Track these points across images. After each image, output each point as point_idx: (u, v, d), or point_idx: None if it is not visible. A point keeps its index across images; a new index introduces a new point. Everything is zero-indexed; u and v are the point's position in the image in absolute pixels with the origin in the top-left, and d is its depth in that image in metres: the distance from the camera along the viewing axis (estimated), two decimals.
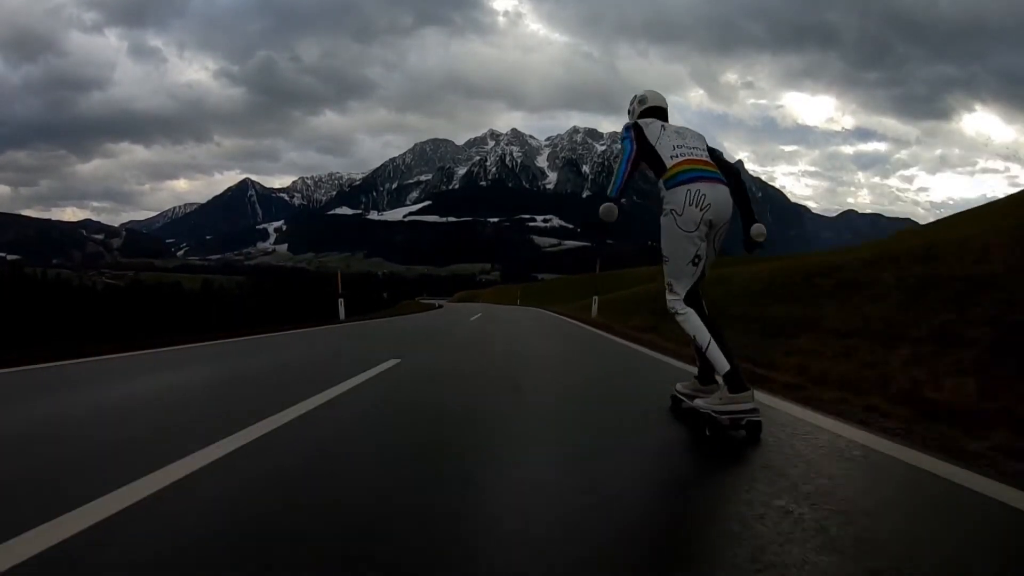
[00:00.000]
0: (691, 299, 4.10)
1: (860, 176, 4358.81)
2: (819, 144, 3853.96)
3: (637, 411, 4.69)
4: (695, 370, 4.50)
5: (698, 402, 3.98)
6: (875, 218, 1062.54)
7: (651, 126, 4.36)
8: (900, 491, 2.81)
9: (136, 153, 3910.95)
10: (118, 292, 53.33)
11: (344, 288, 22.84)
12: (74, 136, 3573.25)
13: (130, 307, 31.25)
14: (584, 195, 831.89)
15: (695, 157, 4.20)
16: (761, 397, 4.39)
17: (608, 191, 4.24)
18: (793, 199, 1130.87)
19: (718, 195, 4.05)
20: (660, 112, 4.69)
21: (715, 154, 4.44)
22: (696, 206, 3.98)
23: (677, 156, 4.19)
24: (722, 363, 3.81)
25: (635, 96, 4.95)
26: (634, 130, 4.33)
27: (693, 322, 4.02)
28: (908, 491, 2.80)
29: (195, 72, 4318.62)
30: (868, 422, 4.13)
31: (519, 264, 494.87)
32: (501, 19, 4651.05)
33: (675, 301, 4.12)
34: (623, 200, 4.24)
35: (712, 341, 3.91)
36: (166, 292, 50.39)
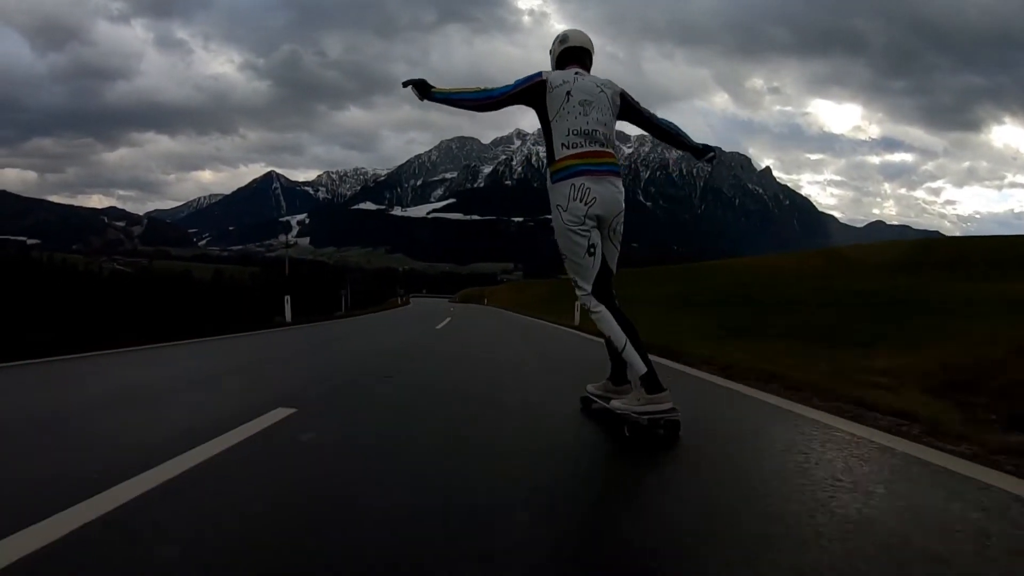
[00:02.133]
0: (602, 295, 4.07)
1: (886, 187, 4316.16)
2: (845, 153, 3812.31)
3: None
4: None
5: (614, 403, 4.01)
6: (903, 230, 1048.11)
7: (556, 90, 4.13)
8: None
9: (161, 143, 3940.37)
10: (120, 279, 49.01)
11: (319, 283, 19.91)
12: (100, 125, 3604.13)
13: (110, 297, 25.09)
14: None
15: (587, 149, 4.08)
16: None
17: (444, 90, 4.25)
18: (820, 208, 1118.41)
19: (604, 189, 4.06)
20: (582, 54, 4.46)
21: (632, 112, 4.42)
22: (580, 201, 4.02)
23: (568, 147, 4.09)
24: (639, 365, 3.82)
25: (558, 35, 4.59)
26: (535, 85, 4.16)
27: (608, 322, 4.00)
28: None
29: (220, 65, 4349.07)
30: None
31: (542, 264, 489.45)
32: (526, 18, 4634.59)
33: (585, 297, 4.12)
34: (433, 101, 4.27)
35: (628, 342, 3.88)
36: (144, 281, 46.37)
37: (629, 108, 4.39)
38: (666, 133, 4.68)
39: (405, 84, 4.29)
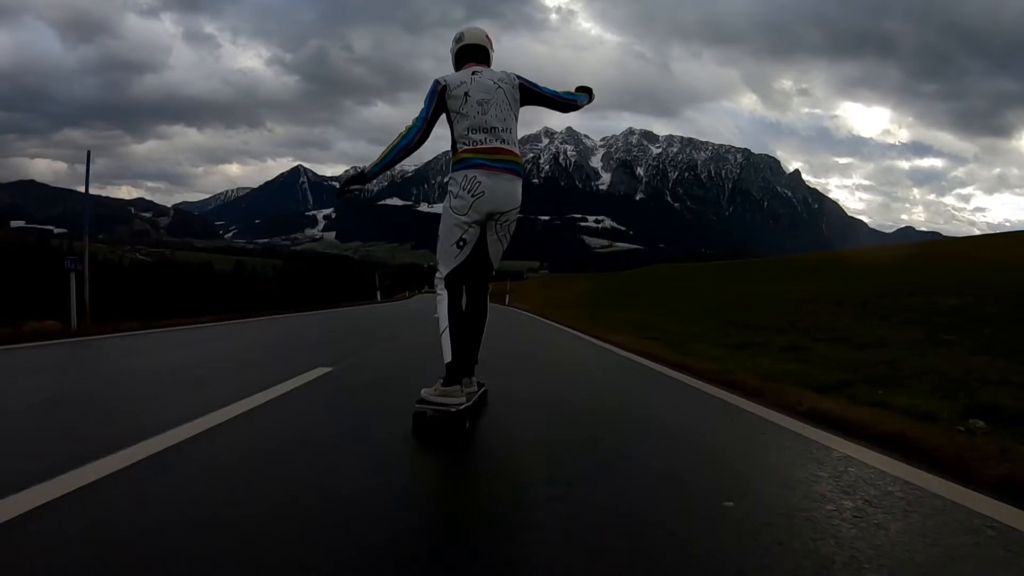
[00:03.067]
0: (453, 283, 4.26)
1: (915, 192, 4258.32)
2: (874, 157, 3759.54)
3: None
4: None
5: (423, 391, 3.97)
6: (934, 236, 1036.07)
7: (455, 91, 4.28)
8: None
9: (190, 136, 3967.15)
10: (139, 269, 53.58)
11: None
12: (129, 117, 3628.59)
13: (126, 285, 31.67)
14: (638, 197, 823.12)
15: (486, 146, 4.20)
16: None
17: (369, 166, 4.52)
18: (849, 213, 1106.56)
19: (496, 184, 4.15)
20: (478, 52, 4.63)
21: (532, 95, 4.53)
22: (469, 192, 4.12)
23: (467, 143, 4.21)
24: (447, 353, 3.99)
25: (455, 34, 4.79)
26: (438, 94, 4.30)
27: (442, 306, 4.20)
28: None
29: (248, 59, 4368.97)
30: None
31: (568, 263, 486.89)
32: (553, 16, 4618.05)
33: (438, 280, 4.36)
34: (367, 184, 4.72)
35: (448, 330, 4.08)
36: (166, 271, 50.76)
37: (528, 93, 4.50)
38: (567, 103, 4.77)
39: (339, 195, 4.71)
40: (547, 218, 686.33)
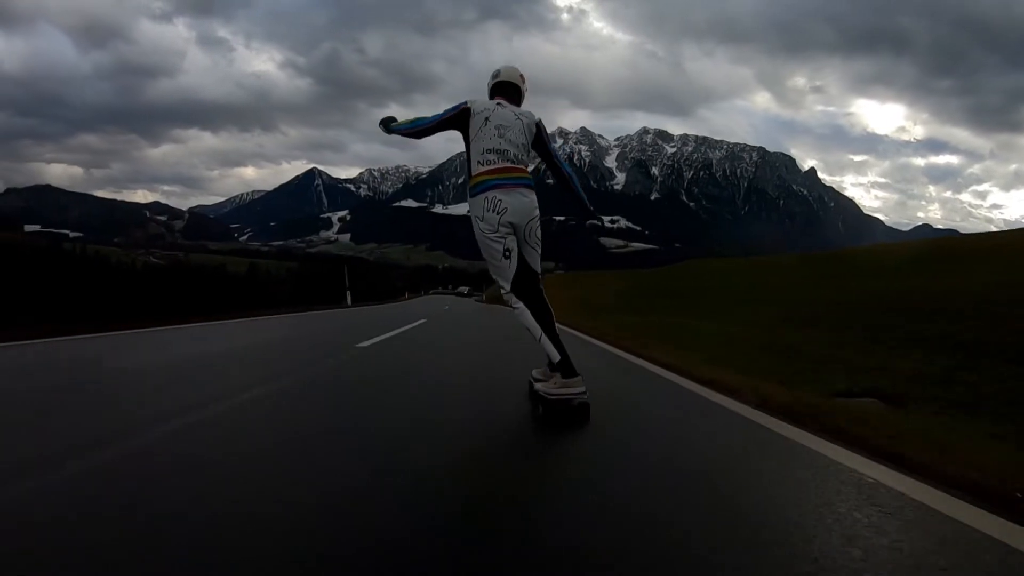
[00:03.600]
0: (521, 293, 4.61)
1: (931, 190, 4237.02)
2: (889, 154, 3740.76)
3: None
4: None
5: (538, 385, 4.58)
6: (951, 234, 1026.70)
7: (477, 116, 4.69)
8: None
9: (204, 140, 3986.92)
10: (151, 272, 52.34)
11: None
12: (144, 121, 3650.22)
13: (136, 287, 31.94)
14: (653, 197, 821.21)
15: (499, 166, 4.61)
16: None
17: (395, 124, 5.02)
18: (865, 211, 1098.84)
19: (514, 200, 4.57)
20: (510, 88, 5.06)
21: (542, 147, 4.96)
22: (494, 211, 4.54)
23: (482, 164, 4.62)
24: (553, 353, 4.40)
25: (494, 70, 5.29)
26: (460, 112, 4.71)
27: (526, 317, 4.56)
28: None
29: (262, 63, 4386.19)
30: None
31: (584, 264, 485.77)
32: (565, 16, 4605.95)
33: (507, 295, 4.65)
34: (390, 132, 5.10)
35: (544, 334, 4.48)
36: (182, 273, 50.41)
37: (539, 139, 4.89)
38: (563, 177, 5.25)
39: (382, 123, 5.09)
40: (562, 218, 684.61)
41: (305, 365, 7.15)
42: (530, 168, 4.99)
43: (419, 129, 4.89)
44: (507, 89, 5.03)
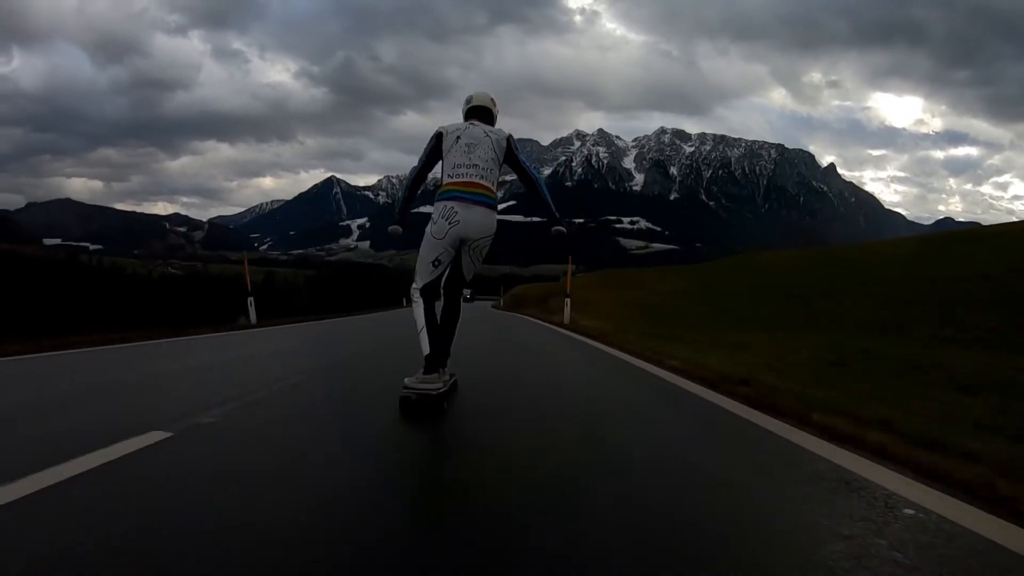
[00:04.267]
0: (428, 292, 5.12)
1: (951, 182, 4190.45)
2: (908, 148, 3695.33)
3: None
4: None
5: (407, 380, 4.69)
6: (973, 227, 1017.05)
7: (449, 135, 5.14)
8: None
9: (222, 151, 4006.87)
10: (166, 281, 49.52)
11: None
12: (162, 134, 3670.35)
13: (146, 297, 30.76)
14: (672, 197, 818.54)
15: (464, 179, 4.98)
16: None
17: (398, 208, 5.67)
18: (885, 206, 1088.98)
19: (470, 215, 4.92)
20: (482, 113, 5.51)
21: (512, 159, 5.26)
22: (446, 220, 4.92)
23: (451, 176, 5.03)
24: (425, 347, 4.89)
25: (467, 96, 5.83)
26: (435, 141, 5.20)
27: (417, 311, 5.12)
28: None
29: (277, 73, 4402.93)
30: None
31: (604, 266, 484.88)
32: (577, 18, 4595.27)
33: (414, 290, 5.21)
34: (407, 220, 5.63)
35: (424, 329, 5.01)
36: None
37: (509, 153, 5.21)
38: (532, 184, 5.41)
39: (389, 234, 5.57)
40: (581, 221, 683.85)
41: None
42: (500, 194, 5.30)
43: (415, 178, 5.42)
44: (480, 113, 5.47)
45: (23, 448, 3.53)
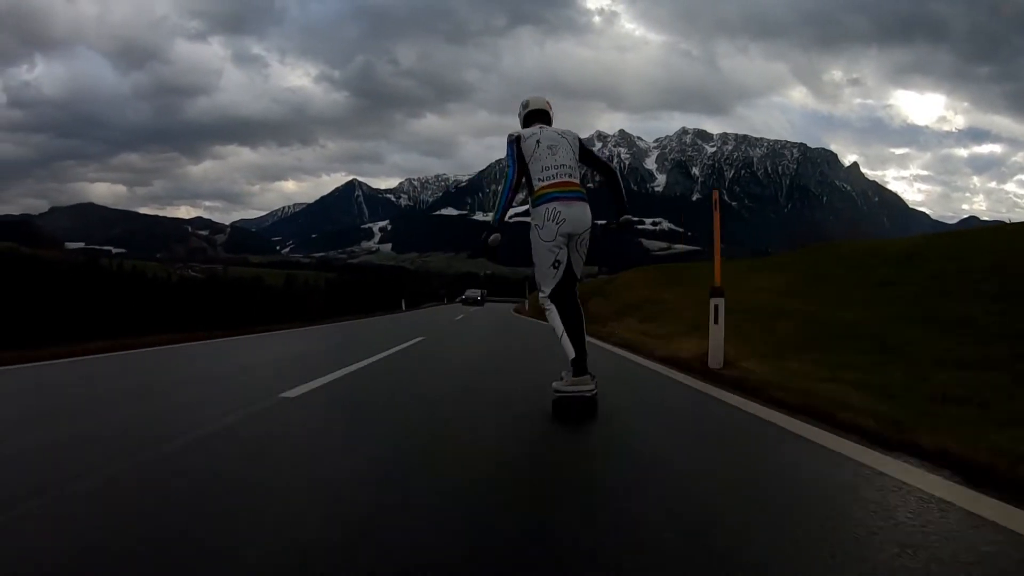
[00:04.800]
0: (557, 296, 5.30)
1: (975, 181, 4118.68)
2: (930, 146, 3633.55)
3: None
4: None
5: (555, 384, 5.13)
6: (999, 226, 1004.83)
7: (528, 140, 5.47)
8: None
9: (244, 155, 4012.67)
10: (184, 285, 50.47)
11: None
12: (184, 139, 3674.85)
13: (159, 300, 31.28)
14: (694, 198, 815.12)
15: (558, 180, 5.33)
16: None
17: (492, 217, 5.70)
18: (910, 205, 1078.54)
19: (572, 212, 5.27)
20: (542, 115, 5.89)
21: (587, 154, 5.75)
22: (553, 221, 5.20)
23: (543, 180, 5.35)
24: (570, 350, 5.02)
25: (522, 102, 6.08)
26: (516, 146, 5.47)
27: (553, 316, 5.24)
28: None
29: (297, 78, 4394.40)
30: None
31: (627, 267, 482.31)
32: (596, 18, 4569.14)
33: (543, 299, 5.38)
34: (505, 221, 5.70)
35: (564, 334, 5.08)
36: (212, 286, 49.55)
37: (584, 150, 5.68)
38: (612, 174, 6.12)
39: (486, 254, 5.60)
40: (603, 222, 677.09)
41: None
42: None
43: (514, 184, 5.52)
44: (540, 116, 5.85)
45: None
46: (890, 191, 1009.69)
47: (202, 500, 2.95)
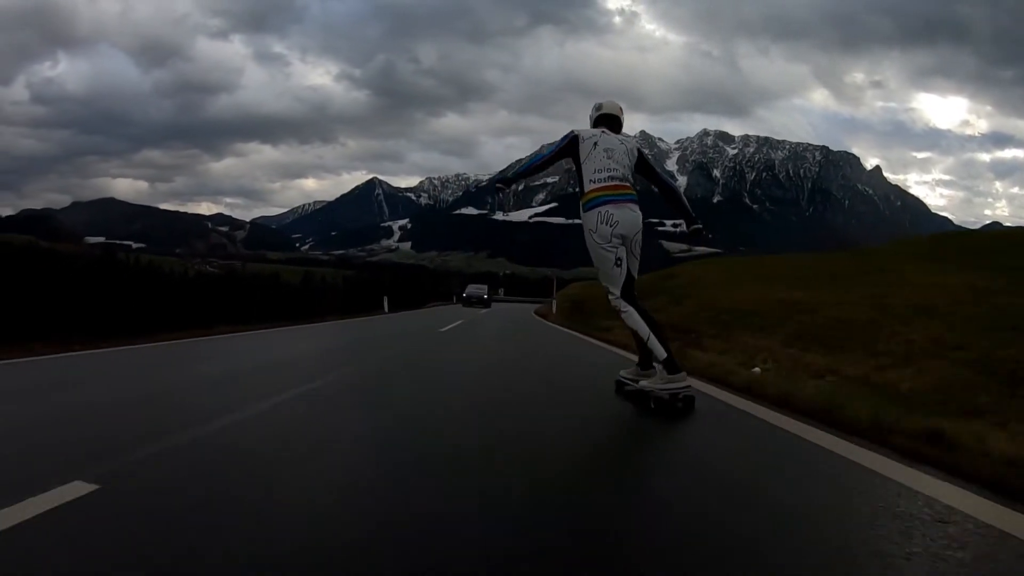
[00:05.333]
0: (627, 297, 5.47)
1: (998, 186, 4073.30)
2: (953, 150, 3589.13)
3: None
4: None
5: (643, 384, 5.45)
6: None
7: (586, 141, 5.78)
8: None
9: (265, 153, 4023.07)
10: (199, 280, 48.13)
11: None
12: (205, 136, 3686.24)
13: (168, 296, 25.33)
14: (715, 200, 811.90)
15: (609, 184, 5.59)
16: None
17: (512, 172, 6.50)
18: (932, 210, 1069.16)
19: (624, 214, 5.51)
20: (611, 119, 6.13)
21: (647, 168, 6.06)
22: (606, 224, 5.46)
23: (595, 182, 5.63)
24: (660, 351, 5.14)
25: (595, 104, 6.33)
26: (570, 141, 5.86)
27: (634, 318, 5.35)
28: None
29: (318, 76, 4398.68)
30: None
31: (648, 269, 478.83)
32: (616, 19, 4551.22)
33: (616, 300, 5.52)
34: (511, 187, 6.65)
35: (652, 334, 5.23)
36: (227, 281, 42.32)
37: (643, 162, 5.97)
38: (669, 190, 6.23)
39: (497, 190, 6.43)
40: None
41: None
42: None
43: (536, 165, 5.98)
44: (609, 120, 6.09)
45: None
46: (912, 195, 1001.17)
47: None
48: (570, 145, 5.79)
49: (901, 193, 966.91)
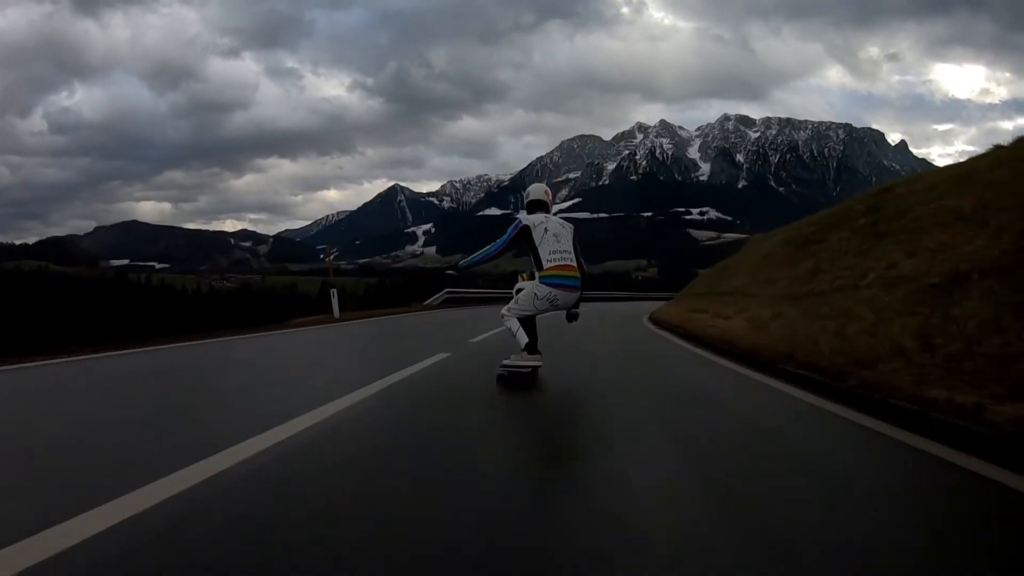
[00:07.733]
0: (523, 319, 6.77)
1: None
2: (974, 120, 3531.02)
3: None
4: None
5: (505, 361, 6.67)
6: None
7: (537, 228, 6.78)
8: None
9: (285, 167, 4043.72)
10: (210, 294, 50.94)
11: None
12: (225, 154, 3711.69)
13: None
14: (740, 185, 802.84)
15: (562, 263, 6.67)
16: None
17: (463, 261, 7.53)
18: None
19: (568, 296, 6.75)
20: (541, 204, 7.23)
21: (575, 246, 6.98)
22: (549, 302, 6.64)
23: (551, 261, 6.65)
24: (523, 339, 6.56)
25: (524, 191, 8.20)
26: (520, 230, 6.87)
27: (513, 322, 6.67)
28: None
29: (332, 87, 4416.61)
30: None
31: (676, 259, 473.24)
32: (624, 9, 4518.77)
33: (508, 318, 6.74)
34: (470, 270, 7.73)
35: (520, 329, 6.61)
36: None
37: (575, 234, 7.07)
38: (580, 265, 7.00)
39: (447, 273, 28.77)
40: (649, 214, 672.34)
41: None
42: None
43: (489, 256, 7.03)
44: (540, 204, 7.20)
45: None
46: (938, 169, 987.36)
47: None
48: (521, 234, 6.81)
49: (928, 167, 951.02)
